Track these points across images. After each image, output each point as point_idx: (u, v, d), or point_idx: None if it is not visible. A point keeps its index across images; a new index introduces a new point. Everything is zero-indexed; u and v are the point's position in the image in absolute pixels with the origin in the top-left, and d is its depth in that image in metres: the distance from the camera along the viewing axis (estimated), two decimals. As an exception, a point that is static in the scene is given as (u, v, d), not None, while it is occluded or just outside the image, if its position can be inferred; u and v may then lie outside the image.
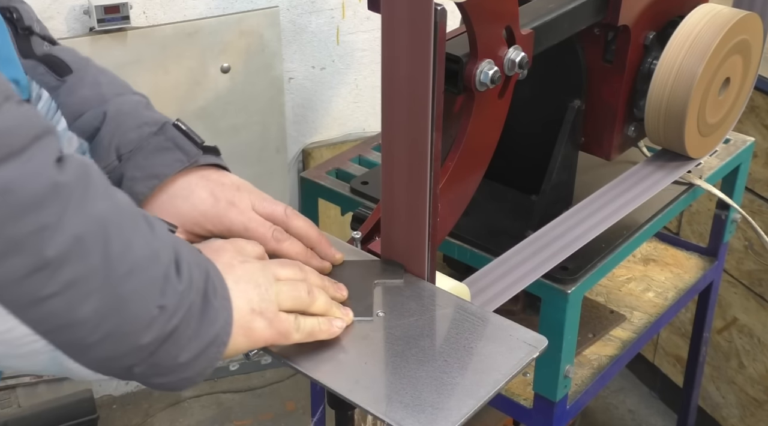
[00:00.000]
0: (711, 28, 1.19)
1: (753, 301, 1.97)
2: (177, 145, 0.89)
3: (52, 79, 0.92)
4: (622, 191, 1.25)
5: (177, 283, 0.70)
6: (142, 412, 2.40)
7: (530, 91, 1.16)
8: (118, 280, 0.66)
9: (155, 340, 0.69)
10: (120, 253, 0.66)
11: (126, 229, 0.67)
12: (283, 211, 0.90)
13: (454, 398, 0.74)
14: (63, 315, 0.64)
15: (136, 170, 0.88)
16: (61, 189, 0.62)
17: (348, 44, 2.28)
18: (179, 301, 0.70)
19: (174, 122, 0.90)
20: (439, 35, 0.76)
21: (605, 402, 2.40)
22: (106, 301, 0.65)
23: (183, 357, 0.71)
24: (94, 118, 0.90)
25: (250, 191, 0.91)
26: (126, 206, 0.69)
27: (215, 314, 0.73)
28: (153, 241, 0.69)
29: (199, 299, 0.72)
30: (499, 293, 1.05)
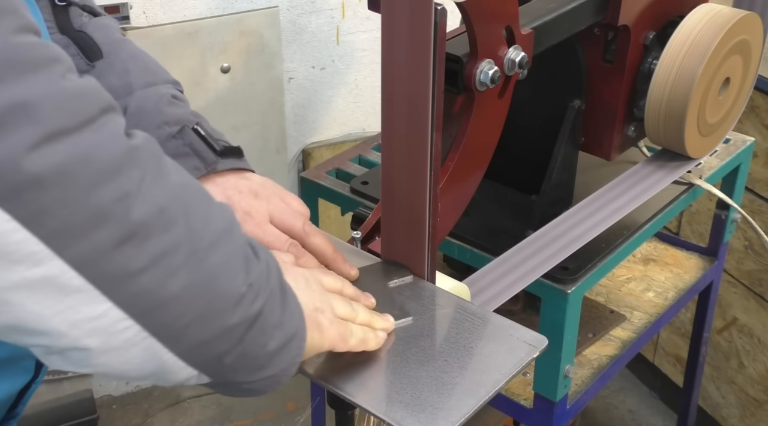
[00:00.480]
0: (711, 28, 1.19)
1: (753, 301, 1.96)
2: (195, 151, 0.87)
3: (82, 63, 0.90)
4: (622, 191, 1.25)
5: (257, 261, 0.67)
6: (142, 412, 2.40)
7: (530, 91, 1.16)
8: (204, 253, 0.63)
9: (243, 322, 0.66)
10: (201, 224, 0.63)
11: (202, 201, 0.65)
12: (302, 227, 0.88)
13: (454, 398, 0.74)
14: (154, 292, 0.61)
15: None
16: (138, 154, 0.60)
17: (348, 44, 2.28)
18: (262, 281, 0.67)
19: (193, 126, 0.88)
20: (439, 35, 0.76)
21: (605, 402, 2.40)
22: (194, 275, 0.62)
23: (270, 346, 0.68)
24: None
25: (269, 197, 0.88)
26: (195, 182, 0.66)
27: (293, 306, 0.71)
28: (227, 215, 0.67)
29: (277, 286, 0.69)
30: (499, 293, 1.05)
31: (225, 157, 0.89)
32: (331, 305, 0.77)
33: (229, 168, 0.89)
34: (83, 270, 0.57)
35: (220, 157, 0.88)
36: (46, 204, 0.55)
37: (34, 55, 0.56)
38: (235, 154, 0.90)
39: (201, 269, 0.63)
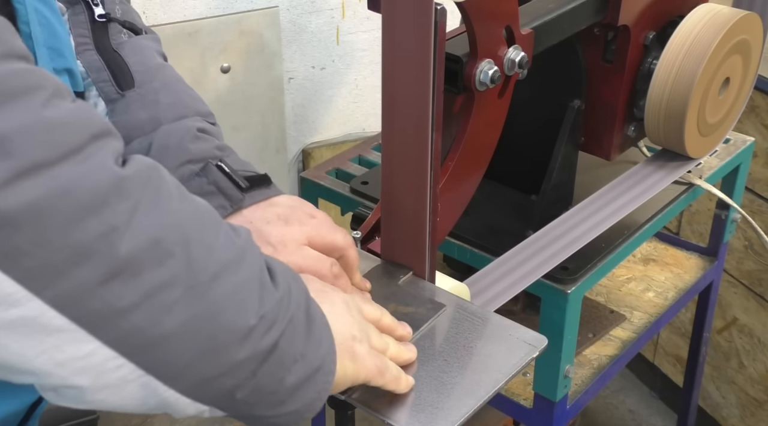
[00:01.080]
0: (711, 28, 1.19)
1: (753, 301, 1.96)
2: (220, 189, 0.84)
3: (112, 91, 0.87)
4: (622, 191, 1.25)
5: (274, 291, 0.63)
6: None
7: (530, 91, 1.16)
8: (205, 286, 0.59)
9: (254, 356, 0.61)
10: (204, 255, 0.59)
11: (207, 231, 0.60)
12: (344, 239, 0.85)
13: (453, 398, 0.74)
14: (147, 330, 0.57)
15: None
16: (127, 184, 0.56)
17: (348, 44, 2.28)
18: (278, 311, 0.63)
19: (217, 163, 0.85)
20: (439, 35, 0.76)
21: (605, 402, 2.40)
22: (194, 310, 0.58)
23: (289, 380, 0.64)
24: (139, 150, 0.85)
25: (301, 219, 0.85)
26: (204, 208, 0.62)
27: (320, 334, 0.66)
28: (238, 241, 0.62)
29: (302, 314, 0.65)
30: (499, 293, 1.05)
31: (251, 189, 0.85)
32: (368, 335, 0.74)
33: (257, 200, 0.85)
34: (65, 310, 0.54)
35: (245, 193, 0.85)
36: (20, 244, 0.51)
37: (12, 84, 0.52)
38: (262, 184, 0.87)
39: (202, 303, 0.58)
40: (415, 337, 0.81)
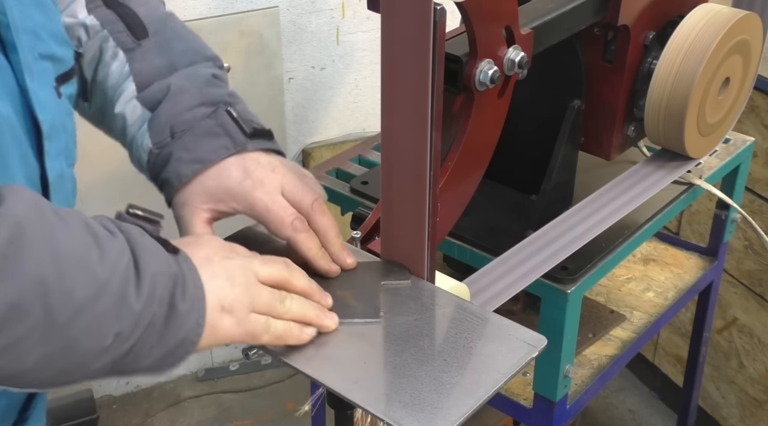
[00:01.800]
0: (711, 28, 1.19)
1: (753, 301, 1.97)
2: (226, 131, 0.90)
3: (128, 41, 0.93)
4: (622, 191, 1.25)
5: (135, 303, 0.69)
6: (142, 412, 2.40)
7: (530, 91, 1.16)
8: (62, 328, 0.65)
9: (111, 362, 0.69)
10: (62, 301, 0.64)
11: (67, 274, 0.65)
12: (311, 202, 0.89)
13: (453, 398, 0.74)
14: (8, 370, 0.65)
15: (183, 152, 0.89)
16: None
17: (348, 44, 2.28)
18: (136, 321, 0.69)
19: (227, 109, 0.91)
20: (438, 35, 0.76)
21: (605, 402, 2.40)
22: (52, 348, 0.65)
23: (144, 364, 0.72)
24: (159, 91, 0.92)
25: (286, 173, 0.90)
26: (69, 243, 0.66)
27: (182, 320, 0.72)
28: (101, 272, 0.67)
29: (162, 310, 0.71)
30: (498, 293, 1.05)
31: (255, 138, 0.91)
32: (250, 301, 0.77)
33: (258, 148, 0.91)
34: None
35: (249, 139, 0.91)
36: None
37: None
38: (265, 136, 0.93)
39: (59, 341, 0.65)
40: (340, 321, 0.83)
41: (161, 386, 2.48)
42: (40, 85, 0.78)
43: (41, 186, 0.79)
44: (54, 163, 0.80)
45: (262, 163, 0.90)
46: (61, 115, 0.82)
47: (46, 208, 0.67)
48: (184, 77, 0.93)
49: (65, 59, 0.84)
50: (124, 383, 2.45)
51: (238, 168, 0.89)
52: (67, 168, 0.83)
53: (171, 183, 0.90)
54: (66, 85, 0.84)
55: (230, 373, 2.51)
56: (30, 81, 0.76)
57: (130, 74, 0.93)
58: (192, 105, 0.91)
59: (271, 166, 0.91)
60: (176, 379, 2.50)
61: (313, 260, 0.88)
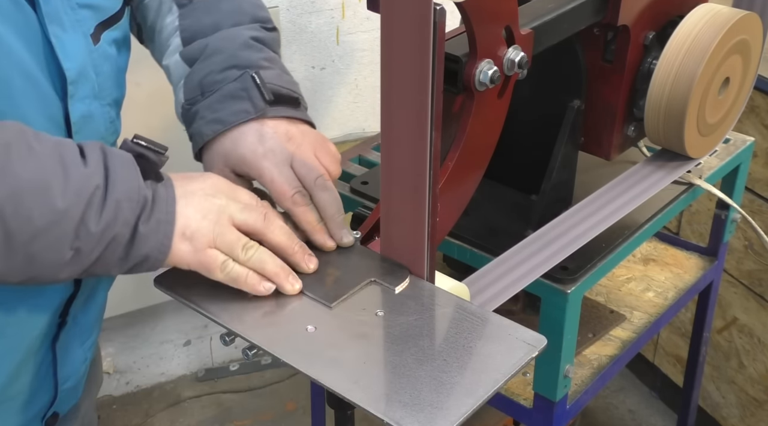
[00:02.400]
0: (711, 28, 1.19)
1: (753, 301, 1.97)
2: (249, 96, 0.93)
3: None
4: (622, 191, 1.25)
5: (94, 225, 0.75)
6: (142, 412, 2.40)
7: (530, 91, 1.16)
8: (21, 246, 0.73)
9: (77, 271, 0.77)
10: (18, 226, 0.72)
11: (24, 202, 0.72)
12: (314, 178, 0.91)
13: (453, 397, 0.74)
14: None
15: (207, 111, 0.93)
16: None
17: (348, 44, 2.28)
18: (96, 241, 0.76)
19: (252, 74, 0.93)
20: (438, 35, 0.76)
21: (605, 402, 2.40)
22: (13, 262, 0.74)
23: (115, 272, 0.80)
24: (197, 49, 0.96)
25: (301, 144, 0.93)
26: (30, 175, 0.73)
27: (144, 240, 0.78)
28: (60, 202, 0.73)
29: (127, 229, 0.77)
30: (498, 293, 1.05)
31: (277, 105, 0.94)
32: (213, 237, 0.82)
33: (281, 115, 0.93)
34: None
35: (270, 106, 0.93)
36: None
37: None
38: (291, 104, 0.95)
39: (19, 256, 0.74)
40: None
41: (161, 386, 2.48)
42: (72, 34, 0.84)
43: (65, 125, 0.85)
44: (79, 105, 0.85)
45: (279, 131, 0.93)
46: (95, 60, 0.87)
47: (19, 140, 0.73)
48: (223, 38, 0.96)
49: (108, 6, 0.89)
50: (125, 383, 2.45)
51: (254, 134, 0.92)
52: (99, 107, 0.89)
53: (195, 140, 0.95)
54: (110, 30, 0.90)
55: (230, 373, 2.51)
56: (60, 31, 0.82)
57: (177, 29, 0.98)
58: (224, 67, 0.94)
59: (287, 135, 0.93)
60: (176, 379, 2.50)
61: (310, 233, 0.90)
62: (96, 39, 0.88)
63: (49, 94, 0.83)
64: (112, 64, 0.92)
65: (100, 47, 0.88)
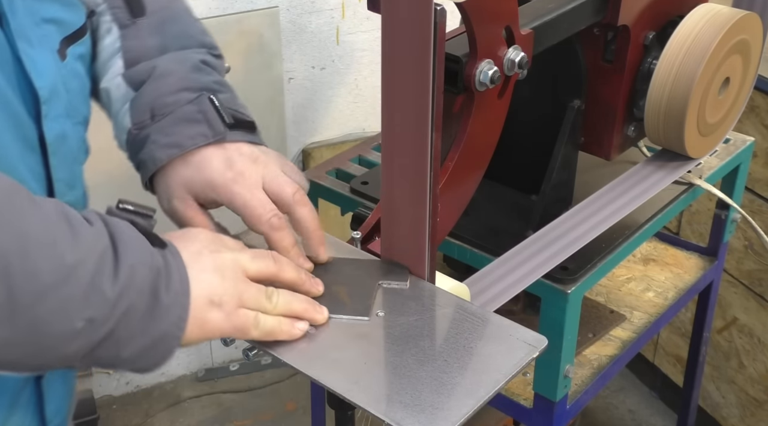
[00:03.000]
0: (711, 28, 1.19)
1: (753, 301, 1.97)
2: (206, 118, 0.89)
3: (125, 17, 0.92)
4: (622, 191, 1.25)
5: (110, 290, 0.68)
6: (142, 412, 2.40)
7: (530, 91, 1.16)
8: (25, 309, 0.65)
9: (86, 347, 0.69)
10: (24, 283, 0.65)
11: (31, 256, 0.65)
12: (292, 194, 0.88)
13: (453, 398, 0.74)
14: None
15: (160, 135, 0.88)
16: None
17: (348, 44, 2.28)
18: (111, 308, 0.69)
19: (209, 96, 0.90)
20: (438, 35, 0.76)
21: (605, 402, 2.40)
22: (16, 329, 0.65)
23: (126, 353, 0.71)
24: (144, 71, 0.91)
25: (267, 163, 0.89)
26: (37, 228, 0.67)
27: (164, 312, 0.72)
28: (70, 257, 0.67)
29: (143, 300, 0.71)
30: (499, 294, 1.05)
31: (236, 129, 0.90)
32: (239, 296, 0.77)
33: (239, 140, 0.90)
34: None
35: (229, 129, 0.89)
36: None
37: None
38: (247, 128, 0.92)
39: (24, 321, 0.65)
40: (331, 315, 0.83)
41: (161, 386, 2.48)
42: (40, 50, 0.79)
43: (40, 146, 0.80)
44: (53, 125, 0.81)
45: (244, 153, 0.89)
46: (64, 77, 0.83)
47: (18, 192, 0.68)
48: (172, 60, 0.91)
49: (72, 21, 0.84)
50: (125, 383, 2.45)
51: (219, 159, 0.87)
52: (72, 127, 0.85)
53: (146, 165, 0.89)
54: (75, 46, 0.85)
55: (230, 373, 2.51)
56: (28, 47, 0.77)
57: (120, 50, 0.92)
58: (176, 89, 0.90)
59: (252, 156, 0.89)
60: (176, 379, 2.50)
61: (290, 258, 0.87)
62: (62, 55, 0.83)
63: (22, 115, 0.77)
64: (79, 80, 0.87)
65: (67, 63, 0.84)
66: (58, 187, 0.83)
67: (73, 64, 0.85)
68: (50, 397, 0.89)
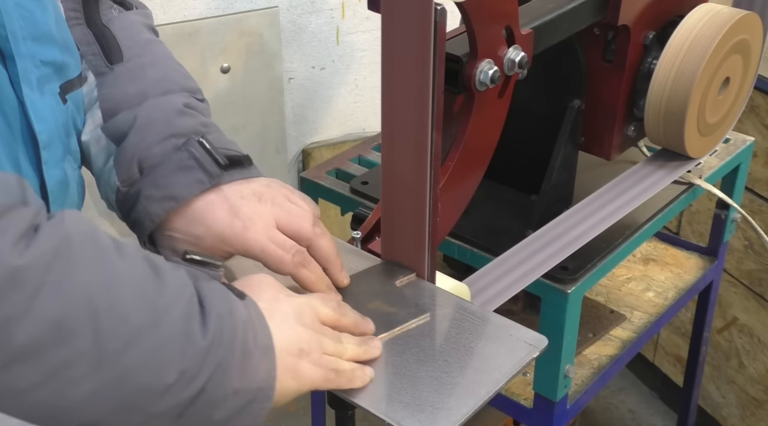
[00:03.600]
0: (711, 28, 1.19)
1: (753, 300, 1.96)
2: (199, 164, 0.83)
3: (101, 64, 0.87)
4: (622, 191, 1.25)
5: (201, 339, 0.64)
6: (142, 413, 2.40)
7: (530, 91, 1.16)
8: (114, 356, 0.60)
9: (177, 406, 0.64)
10: (115, 324, 0.60)
11: (120, 298, 0.61)
12: (311, 228, 0.84)
13: (454, 398, 0.74)
14: (54, 402, 0.60)
15: (153, 189, 0.83)
16: (23, 274, 0.57)
17: (348, 44, 2.28)
18: (203, 360, 0.64)
19: (199, 139, 0.84)
20: (439, 35, 0.76)
21: (605, 402, 2.40)
22: (103, 379, 0.60)
23: (218, 416, 0.66)
24: (125, 122, 0.85)
25: (274, 198, 0.84)
26: (123, 268, 0.63)
27: (256, 366, 0.68)
28: (159, 300, 0.63)
29: (236, 352, 0.67)
30: (499, 293, 1.05)
31: (230, 168, 0.85)
32: (320, 343, 0.74)
33: (235, 179, 0.85)
34: None
35: (224, 171, 0.84)
36: None
37: None
38: (242, 165, 0.86)
39: (112, 371, 0.60)
40: (386, 335, 0.81)
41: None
42: (41, 93, 0.76)
43: (41, 194, 0.77)
44: (54, 171, 0.77)
45: (245, 195, 0.84)
46: (65, 121, 0.80)
47: (101, 234, 0.64)
48: (153, 107, 0.86)
49: (70, 66, 0.81)
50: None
51: (222, 209, 0.82)
52: (71, 171, 0.81)
53: (143, 224, 0.84)
54: (74, 93, 0.83)
55: (230, 373, 2.51)
56: (29, 90, 0.74)
57: (97, 100, 0.87)
58: (161, 138, 0.84)
59: (256, 196, 0.84)
60: (176, 379, 2.49)
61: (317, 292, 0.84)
62: (63, 100, 0.80)
63: (23, 162, 0.74)
64: (78, 125, 0.85)
65: (68, 107, 0.81)
66: None
67: (73, 109, 0.83)
68: None
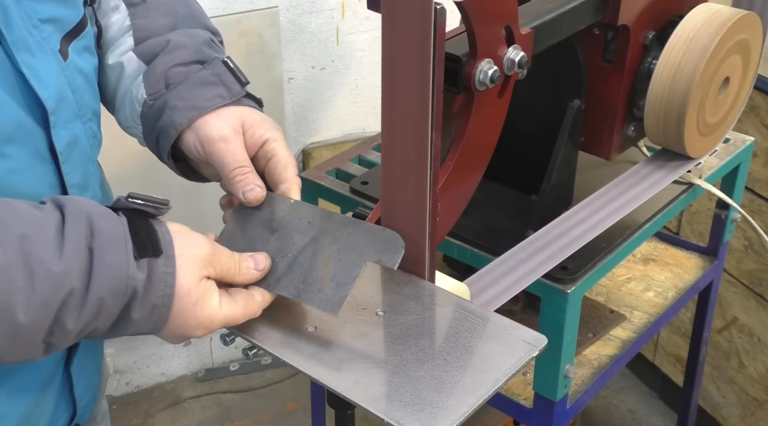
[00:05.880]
0: (710, 28, 1.19)
1: (753, 300, 1.97)
2: (222, 81, 0.92)
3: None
4: (622, 191, 1.25)
5: (72, 323, 0.71)
6: (142, 412, 2.40)
7: (530, 91, 1.16)
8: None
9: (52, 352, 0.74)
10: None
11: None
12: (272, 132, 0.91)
13: (453, 397, 0.74)
14: None
15: (178, 100, 0.90)
16: None
17: (348, 44, 2.28)
18: (74, 336, 0.73)
19: (223, 59, 0.93)
20: (438, 35, 0.76)
21: (605, 402, 2.40)
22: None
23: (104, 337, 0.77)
24: (158, 44, 0.93)
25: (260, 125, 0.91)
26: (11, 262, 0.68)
27: (134, 325, 0.76)
28: (23, 314, 0.68)
29: (109, 322, 0.74)
30: (499, 293, 1.05)
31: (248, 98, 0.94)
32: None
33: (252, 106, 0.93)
34: None
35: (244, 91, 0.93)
36: None
37: None
38: (256, 102, 0.95)
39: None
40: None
41: (161, 386, 2.48)
42: (41, 57, 0.79)
43: (51, 155, 0.81)
44: (63, 133, 0.81)
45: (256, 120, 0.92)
46: (69, 78, 0.83)
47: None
48: (183, 35, 0.94)
49: (70, 17, 0.85)
50: (125, 383, 2.45)
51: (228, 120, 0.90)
52: (82, 127, 0.85)
53: (167, 132, 0.91)
54: (76, 41, 0.86)
55: (230, 373, 2.51)
56: (29, 57, 0.77)
57: (130, 29, 0.94)
58: (189, 60, 0.92)
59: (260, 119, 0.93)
60: (176, 379, 2.50)
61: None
62: (65, 54, 0.83)
63: (30, 127, 0.78)
64: (84, 75, 0.87)
65: (70, 62, 0.84)
66: (72, 193, 0.83)
67: (77, 60, 0.85)
68: (79, 380, 0.91)
